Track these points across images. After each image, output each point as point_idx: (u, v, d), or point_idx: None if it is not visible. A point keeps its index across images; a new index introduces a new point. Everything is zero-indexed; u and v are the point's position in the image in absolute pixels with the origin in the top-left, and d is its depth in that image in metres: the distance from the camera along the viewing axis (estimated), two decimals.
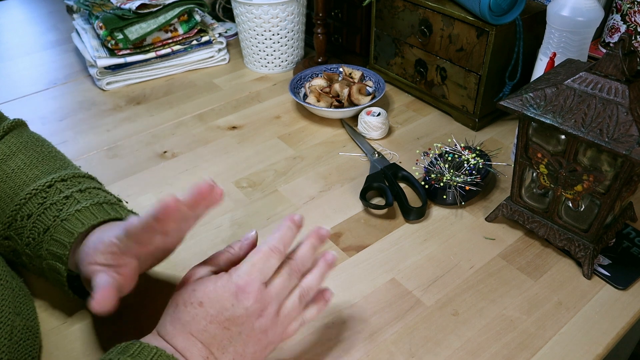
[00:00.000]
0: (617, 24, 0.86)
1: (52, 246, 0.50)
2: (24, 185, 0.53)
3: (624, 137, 0.49)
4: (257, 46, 1.00)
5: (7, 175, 0.54)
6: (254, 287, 0.44)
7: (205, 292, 0.44)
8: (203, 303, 0.43)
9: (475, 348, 0.52)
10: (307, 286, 0.47)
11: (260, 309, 0.44)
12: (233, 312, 0.43)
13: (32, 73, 1.05)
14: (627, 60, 0.51)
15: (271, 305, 0.45)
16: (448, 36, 0.81)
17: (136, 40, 0.96)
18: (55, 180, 0.53)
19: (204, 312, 0.43)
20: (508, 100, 0.57)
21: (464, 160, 0.70)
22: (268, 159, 0.79)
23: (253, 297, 0.44)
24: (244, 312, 0.43)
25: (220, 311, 0.43)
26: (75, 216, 0.50)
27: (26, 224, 0.51)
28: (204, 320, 0.43)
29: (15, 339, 0.47)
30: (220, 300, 0.43)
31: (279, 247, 0.46)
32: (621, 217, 0.63)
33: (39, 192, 0.52)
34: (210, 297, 0.43)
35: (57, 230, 0.50)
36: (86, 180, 0.56)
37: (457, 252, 0.63)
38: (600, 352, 0.52)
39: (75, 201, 0.52)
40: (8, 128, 0.58)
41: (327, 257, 0.49)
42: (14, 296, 0.50)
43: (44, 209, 0.51)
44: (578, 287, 0.58)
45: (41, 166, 0.55)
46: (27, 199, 0.52)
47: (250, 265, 0.45)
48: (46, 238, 0.50)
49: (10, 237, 0.52)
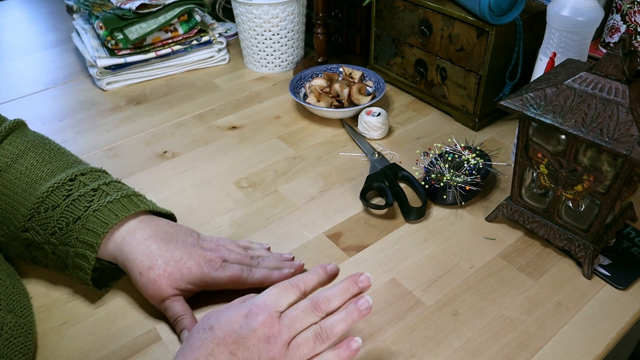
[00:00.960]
0: (617, 24, 0.86)
1: (83, 235, 0.53)
2: (42, 180, 0.55)
3: (624, 137, 0.49)
4: (257, 46, 1.00)
5: (22, 173, 0.56)
6: (264, 311, 0.43)
7: (218, 317, 0.44)
8: (213, 327, 0.43)
9: (475, 348, 0.52)
10: (326, 325, 0.44)
11: (268, 335, 0.42)
12: (240, 333, 0.42)
13: (32, 73, 1.05)
14: (627, 60, 0.51)
15: (281, 335, 0.43)
16: (448, 36, 0.81)
17: (136, 40, 0.96)
18: (76, 174, 0.56)
19: (213, 335, 0.43)
20: (508, 100, 0.57)
21: (464, 160, 0.70)
22: (268, 159, 0.79)
23: (262, 320, 0.43)
24: (250, 333, 0.42)
25: (228, 333, 0.43)
26: (107, 207, 0.54)
27: (52, 214, 0.54)
28: (212, 344, 0.42)
29: (6, 335, 0.47)
30: (230, 322, 0.43)
31: (299, 284, 0.46)
32: (621, 217, 0.63)
33: (61, 185, 0.55)
34: (221, 321, 0.44)
35: (89, 220, 0.53)
36: (103, 175, 0.59)
37: (457, 252, 0.63)
38: (600, 352, 0.52)
39: (105, 193, 0.56)
40: (10, 128, 0.59)
41: (360, 303, 0.44)
42: (7, 293, 0.51)
43: (71, 200, 0.54)
44: (578, 287, 0.58)
45: (55, 162, 0.58)
46: (50, 191, 0.54)
47: (266, 294, 0.45)
48: (77, 227, 0.53)
49: (30, 229, 0.54)
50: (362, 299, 0.44)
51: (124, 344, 0.53)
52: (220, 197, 0.72)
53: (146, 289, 0.53)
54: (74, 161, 0.60)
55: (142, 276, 0.53)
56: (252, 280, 0.55)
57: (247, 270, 0.55)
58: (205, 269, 0.54)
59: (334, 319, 0.44)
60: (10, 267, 0.56)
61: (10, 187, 0.55)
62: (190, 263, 0.54)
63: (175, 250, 0.54)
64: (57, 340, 0.54)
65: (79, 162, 0.60)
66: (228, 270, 0.54)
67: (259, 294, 0.46)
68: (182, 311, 0.53)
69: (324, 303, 0.44)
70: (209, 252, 0.55)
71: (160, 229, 0.56)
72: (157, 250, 0.54)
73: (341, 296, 0.45)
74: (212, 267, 0.54)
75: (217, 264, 0.54)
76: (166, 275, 0.53)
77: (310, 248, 0.64)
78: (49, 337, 0.54)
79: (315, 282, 0.47)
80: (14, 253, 0.57)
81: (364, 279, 0.45)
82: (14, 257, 0.58)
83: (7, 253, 0.58)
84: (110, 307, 0.57)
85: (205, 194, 0.73)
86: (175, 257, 0.54)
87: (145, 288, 0.53)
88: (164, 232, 0.56)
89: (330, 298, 0.45)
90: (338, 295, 0.45)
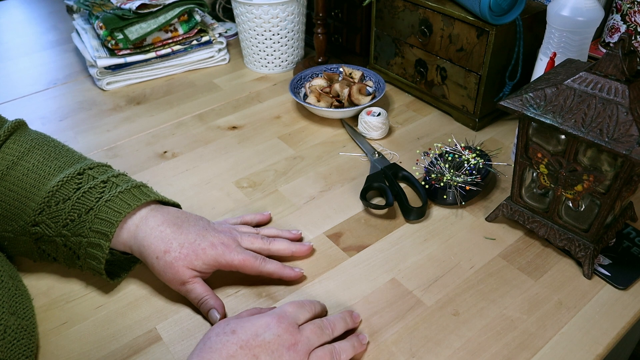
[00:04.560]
0: (617, 24, 0.86)
1: (96, 224, 0.54)
2: (50, 176, 0.56)
3: (624, 137, 0.49)
4: (257, 46, 1.00)
5: (29, 169, 0.57)
6: (286, 320, 0.47)
7: (239, 322, 0.47)
8: (236, 331, 0.46)
9: (475, 348, 0.52)
10: (340, 348, 0.49)
11: (291, 343, 0.46)
12: (264, 337, 0.45)
13: (32, 73, 1.05)
14: (627, 60, 0.51)
15: (302, 344, 0.46)
16: (448, 36, 0.81)
17: (136, 40, 0.96)
18: (84, 168, 0.57)
19: (236, 338, 0.45)
20: (508, 100, 0.57)
21: (464, 160, 0.70)
22: (268, 159, 0.79)
23: (284, 327, 0.46)
24: (275, 338, 0.45)
25: (252, 336, 0.45)
26: (119, 197, 0.55)
27: (64, 207, 0.55)
28: (235, 345, 0.44)
29: (9, 338, 0.47)
30: (254, 327, 0.46)
31: (311, 306, 0.51)
32: (621, 217, 0.63)
33: (71, 179, 0.56)
34: (244, 325, 0.46)
35: (101, 210, 0.54)
36: (109, 169, 0.60)
37: (458, 252, 0.63)
38: (600, 352, 0.52)
39: (115, 185, 0.57)
40: (12, 128, 0.59)
41: (361, 337, 0.51)
42: (10, 295, 0.51)
43: (82, 193, 0.55)
44: (578, 287, 0.58)
45: (61, 158, 0.59)
46: (60, 185, 0.55)
47: (288, 306, 0.50)
48: (89, 217, 0.54)
49: (40, 223, 0.55)
50: (362, 335, 0.52)
51: (124, 344, 0.53)
52: (220, 197, 0.72)
53: (164, 273, 0.54)
54: (79, 157, 0.61)
55: (159, 260, 0.54)
56: (264, 270, 0.57)
57: (260, 260, 0.57)
58: (219, 250, 0.55)
59: (344, 345, 0.49)
60: (12, 268, 0.56)
61: (18, 184, 0.56)
62: (205, 244, 0.55)
63: (188, 234, 0.55)
64: (57, 340, 0.54)
65: (84, 158, 0.61)
66: (241, 255, 0.56)
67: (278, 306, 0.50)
68: (204, 292, 0.55)
69: (331, 323, 0.50)
70: (222, 234, 0.57)
71: (171, 215, 0.57)
72: (171, 234, 0.55)
73: (343, 324, 0.51)
74: (227, 249, 0.56)
75: (231, 247, 0.56)
76: (182, 257, 0.54)
77: None
78: (49, 338, 0.54)
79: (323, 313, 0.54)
80: (21, 249, 0.58)
81: (356, 317, 0.54)
82: (20, 254, 0.59)
83: (13, 250, 0.58)
84: (111, 307, 0.57)
85: (205, 194, 0.73)
86: (190, 239, 0.55)
87: (163, 272, 0.54)
88: (175, 217, 0.57)
89: (334, 321, 0.51)
90: (339, 319, 0.51)
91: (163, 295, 0.58)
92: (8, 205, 0.56)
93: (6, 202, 0.56)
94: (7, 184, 0.56)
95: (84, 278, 0.60)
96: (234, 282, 0.59)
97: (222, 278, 0.59)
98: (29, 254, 0.58)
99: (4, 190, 0.56)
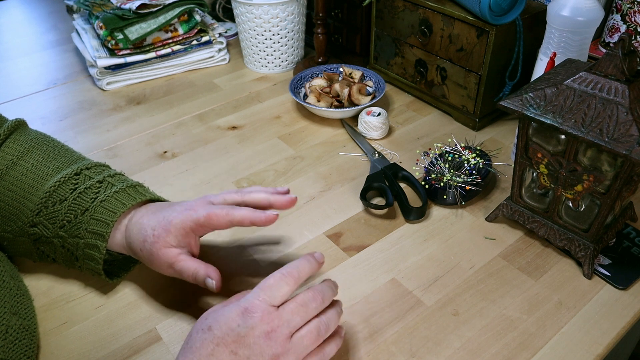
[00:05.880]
0: (617, 24, 0.86)
1: (92, 225, 0.54)
2: (48, 176, 0.56)
3: (624, 137, 0.49)
4: (257, 46, 1.00)
5: (28, 169, 0.57)
6: (260, 307, 0.43)
7: (215, 316, 0.44)
8: (212, 327, 0.43)
9: (475, 348, 0.52)
10: (326, 319, 0.46)
11: (268, 331, 0.43)
12: (238, 331, 0.42)
13: (32, 73, 1.05)
14: (627, 60, 0.51)
15: (281, 329, 0.43)
16: (448, 36, 0.81)
17: (136, 40, 0.96)
18: (81, 168, 0.57)
19: (212, 336, 0.43)
20: (508, 100, 0.57)
21: (464, 160, 0.70)
22: (268, 159, 0.79)
23: (259, 317, 0.43)
24: (249, 331, 0.42)
25: (226, 332, 0.43)
26: (114, 197, 0.55)
27: (60, 208, 0.54)
28: (212, 344, 0.42)
29: (11, 338, 0.47)
30: (227, 321, 0.43)
31: (293, 272, 0.45)
32: (621, 217, 0.63)
33: (67, 180, 0.56)
34: (219, 320, 0.43)
35: (96, 211, 0.54)
36: (107, 168, 0.60)
37: (458, 252, 0.63)
38: (600, 352, 0.52)
39: (110, 185, 0.57)
40: (12, 127, 0.59)
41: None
42: (11, 296, 0.51)
43: (78, 193, 0.55)
44: (578, 287, 0.58)
45: (60, 158, 0.59)
46: (57, 186, 0.55)
47: (259, 289, 0.45)
48: (85, 218, 0.54)
49: (38, 224, 0.55)
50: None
51: (124, 344, 0.53)
52: None
53: (152, 263, 0.53)
54: (77, 157, 0.61)
55: (142, 252, 0.53)
56: (233, 218, 0.52)
57: (227, 209, 0.52)
58: (184, 215, 0.52)
59: (329, 315, 0.46)
60: (13, 268, 0.56)
61: (17, 184, 0.56)
62: (172, 216, 0.52)
63: (160, 215, 0.53)
64: (57, 340, 0.54)
65: (83, 158, 0.61)
66: (206, 209, 0.52)
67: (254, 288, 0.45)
68: (194, 265, 0.52)
69: (320, 293, 0.46)
70: (191, 202, 0.54)
71: (155, 207, 0.55)
72: (146, 222, 0.53)
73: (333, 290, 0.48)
74: (192, 211, 0.52)
75: (196, 208, 0.52)
76: (156, 240, 0.52)
77: (311, 248, 0.64)
78: (50, 337, 0.54)
79: (308, 270, 0.47)
80: (20, 250, 0.58)
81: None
82: (20, 255, 0.59)
83: (13, 250, 0.58)
84: (111, 307, 0.57)
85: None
86: (159, 219, 0.52)
87: (150, 262, 0.53)
88: (158, 207, 0.55)
89: (326, 290, 0.47)
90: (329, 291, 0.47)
91: (163, 295, 0.58)
92: (7, 205, 0.56)
93: (5, 202, 0.56)
94: (6, 183, 0.56)
95: (83, 278, 0.60)
96: (234, 284, 0.59)
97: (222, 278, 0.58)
98: (28, 254, 0.58)
99: (3, 190, 0.56)
